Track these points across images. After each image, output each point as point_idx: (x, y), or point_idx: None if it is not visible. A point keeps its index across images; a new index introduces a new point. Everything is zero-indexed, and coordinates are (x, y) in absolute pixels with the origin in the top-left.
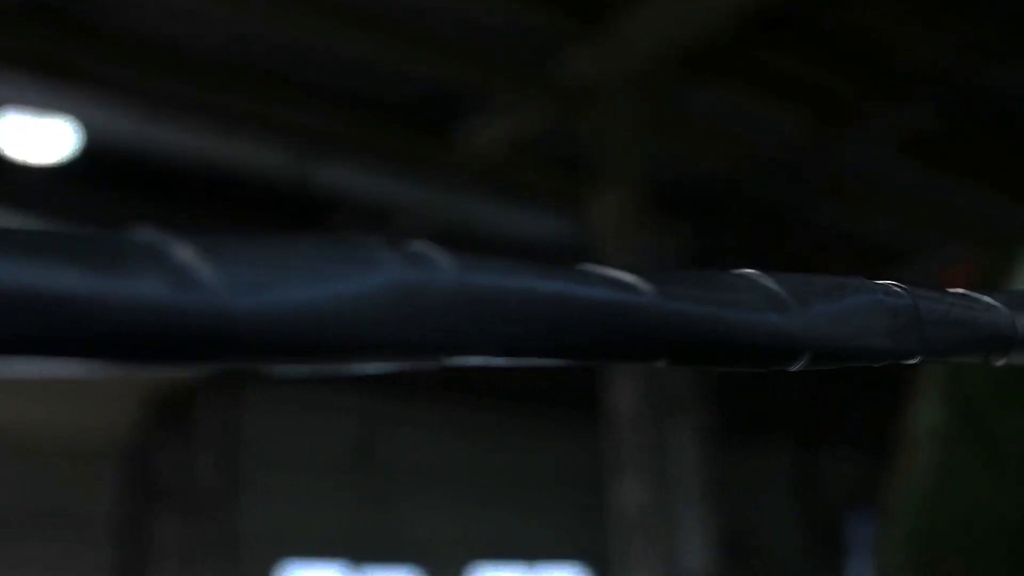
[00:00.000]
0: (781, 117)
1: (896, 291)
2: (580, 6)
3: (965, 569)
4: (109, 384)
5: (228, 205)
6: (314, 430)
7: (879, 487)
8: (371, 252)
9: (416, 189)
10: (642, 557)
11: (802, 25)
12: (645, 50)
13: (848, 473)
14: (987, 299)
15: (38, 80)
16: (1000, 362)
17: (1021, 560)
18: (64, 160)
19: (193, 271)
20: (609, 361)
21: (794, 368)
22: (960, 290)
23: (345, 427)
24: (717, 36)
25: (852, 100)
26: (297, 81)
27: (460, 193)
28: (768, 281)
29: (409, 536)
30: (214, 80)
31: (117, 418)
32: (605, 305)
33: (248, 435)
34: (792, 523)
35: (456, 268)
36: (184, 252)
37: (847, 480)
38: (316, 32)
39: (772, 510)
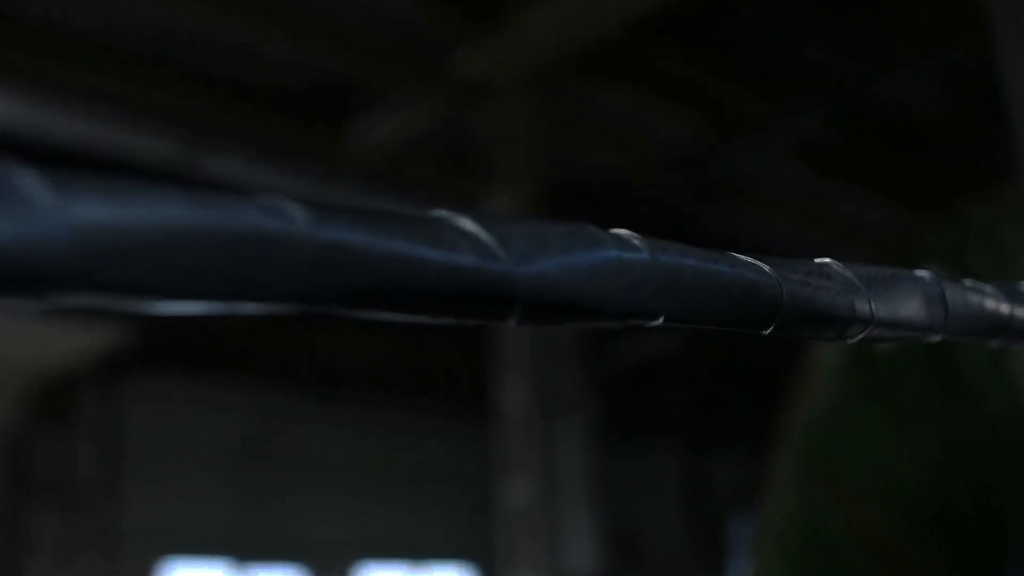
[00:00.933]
0: (675, 121)
1: (632, 244)
2: (478, 3)
3: (862, 499)
4: None
5: None
6: (199, 424)
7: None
8: (597, 234)
9: (306, 182)
10: (528, 557)
11: (698, 32)
12: (542, 50)
13: (735, 476)
14: (748, 259)
15: None
16: (765, 332)
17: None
18: None
19: (488, 244)
20: (256, 303)
21: (509, 321)
22: (824, 261)
23: (232, 422)
24: (614, 39)
25: (746, 107)
26: (186, 68)
27: (351, 188)
28: (475, 225)
29: (295, 534)
30: (98, 64)
31: None
32: (248, 236)
33: (131, 428)
34: (679, 524)
35: (650, 247)
36: (475, 227)
37: (733, 483)
38: (207, 17)
39: (659, 511)
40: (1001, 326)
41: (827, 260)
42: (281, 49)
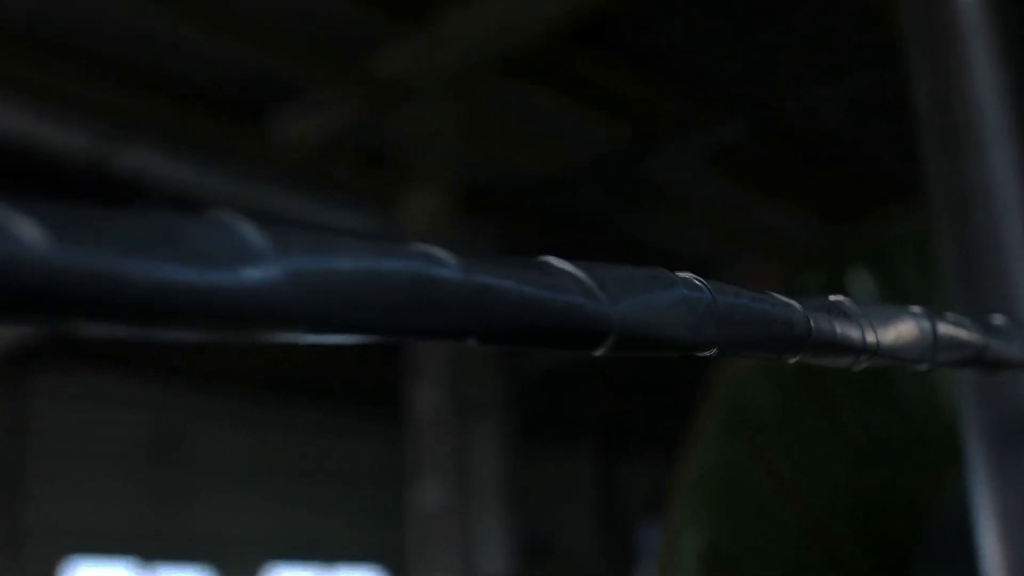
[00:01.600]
0: (596, 127)
1: (696, 285)
2: (402, 3)
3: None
4: None
5: (21, 184)
6: (106, 422)
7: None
8: (671, 277)
9: (222, 178)
10: (440, 559)
11: (621, 39)
12: (464, 51)
13: (645, 482)
14: (785, 299)
15: None
16: (793, 360)
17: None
18: None
19: (589, 285)
20: (422, 337)
21: (600, 351)
22: (839, 299)
23: (139, 419)
24: (536, 43)
25: (666, 115)
26: (104, 59)
27: (268, 185)
28: (578, 269)
29: (203, 534)
30: (12, 54)
31: None
32: (418, 279)
33: (35, 426)
34: (590, 529)
35: (710, 288)
36: (576, 271)
37: (644, 489)
38: (127, 8)
39: (571, 516)
40: (977, 357)
41: (841, 297)
42: (202, 43)
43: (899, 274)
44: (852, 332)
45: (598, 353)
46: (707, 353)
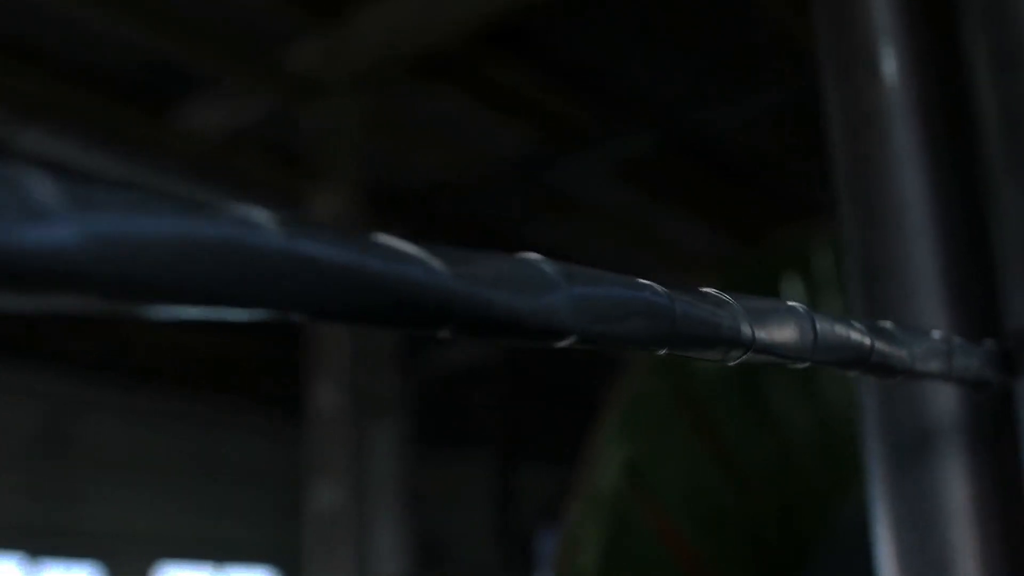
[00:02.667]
0: (506, 132)
1: (656, 290)
2: None
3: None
4: None
5: None
6: None
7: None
8: (526, 258)
9: (125, 166)
10: (335, 561)
11: (534, 46)
12: (377, 51)
13: (544, 489)
14: (649, 284)
15: None
16: (661, 351)
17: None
18: None
19: (428, 260)
20: (397, 328)
21: (443, 333)
22: (712, 291)
23: (27, 410)
24: (449, 46)
25: (577, 123)
26: (4, 41)
27: (173, 175)
28: (548, 265)
29: (93, 530)
30: None
31: None
32: (396, 278)
33: None
34: (488, 534)
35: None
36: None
37: (543, 496)
38: None
39: (470, 521)
40: (862, 358)
41: (714, 290)
42: (110, 28)
43: (785, 291)
44: (724, 324)
45: (442, 335)
46: (563, 343)
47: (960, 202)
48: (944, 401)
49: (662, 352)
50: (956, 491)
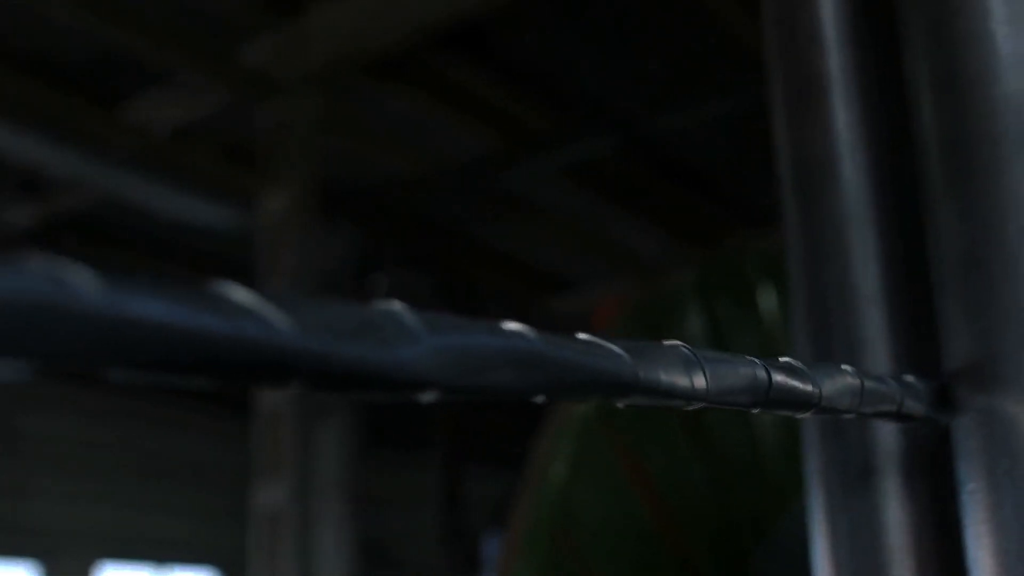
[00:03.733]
0: (461, 134)
1: (527, 337)
2: None
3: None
4: None
5: None
6: None
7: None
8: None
9: (74, 158)
10: (277, 561)
11: (492, 47)
12: (333, 49)
13: (491, 494)
14: (611, 347)
15: None
16: (622, 404)
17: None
18: None
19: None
20: (240, 384)
21: (424, 400)
22: (587, 337)
23: None
24: (406, 46)
25: (534, 126)
26: None
27: (123, 169)
28: (407, 315)
29: (30, 527)
30: None
31: None
32: (236, 336)
33: None
34: (434, 538)
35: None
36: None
37: (490, 501)
38: None
39: (415, 523)
40: (759, 398)
41: (677, 343)
42: (62, 18)
43: (754, 303)
44: (604, 368)
45: (291, 390)
46: (426, 396)
47: (904, 226)
48: (884, 434)
49: (539, 400)
50: (894, 525)
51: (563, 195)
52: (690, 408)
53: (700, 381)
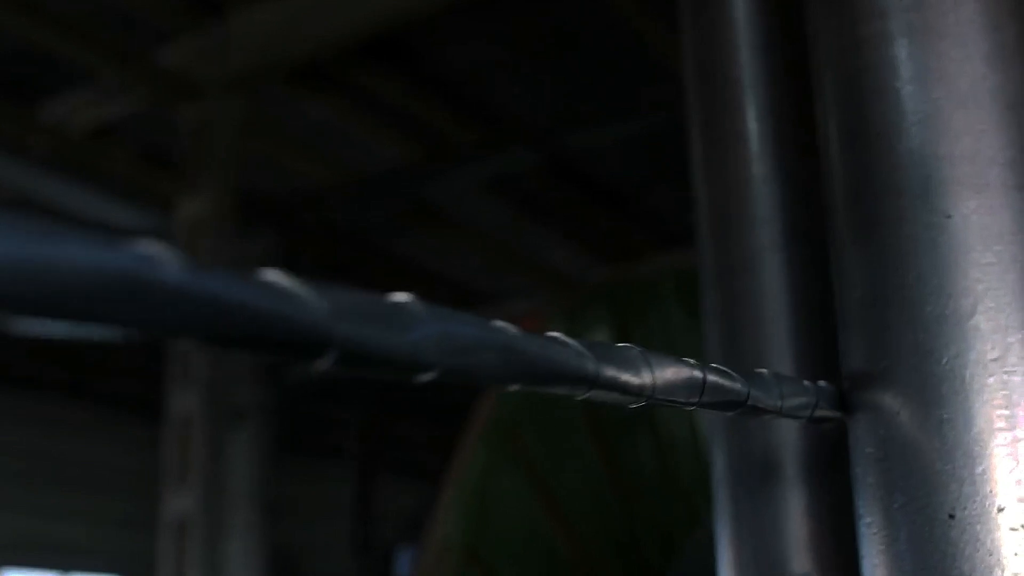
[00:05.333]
0: (381, 144)
1: (507, 329)
2: None
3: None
4: None
5: None
6: None
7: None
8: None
9: None
10: (185, 571)
11: (413, 60)
12: (254, 54)
13: (406, 506)
14: (577, 345)
15: None
16: (582, 397)
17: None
18: None
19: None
20: (281, 356)
21: (425, 378)
22: (557, 335)
23: None
24: (328, 54)
25: (453, 138)
26: None
27: (38, 169)
28: (416, 304)
29: None
30: None
31: None
32: (281, 314)
33: None
34: (346, 548)
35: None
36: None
37: (404, 513)
38: None
39: (327, 533)
40: (695, 396)
41: (629, 345)
42: None
43: (665, 319)
44: (571, 361)
45: (320, 366)
46: (427, 376)
47: (811, 261)
48: (786, 433)
49: (514, 387)
50: (795, 521)
51: (481, 208)
52: (636, 406)
53: (648, 379)
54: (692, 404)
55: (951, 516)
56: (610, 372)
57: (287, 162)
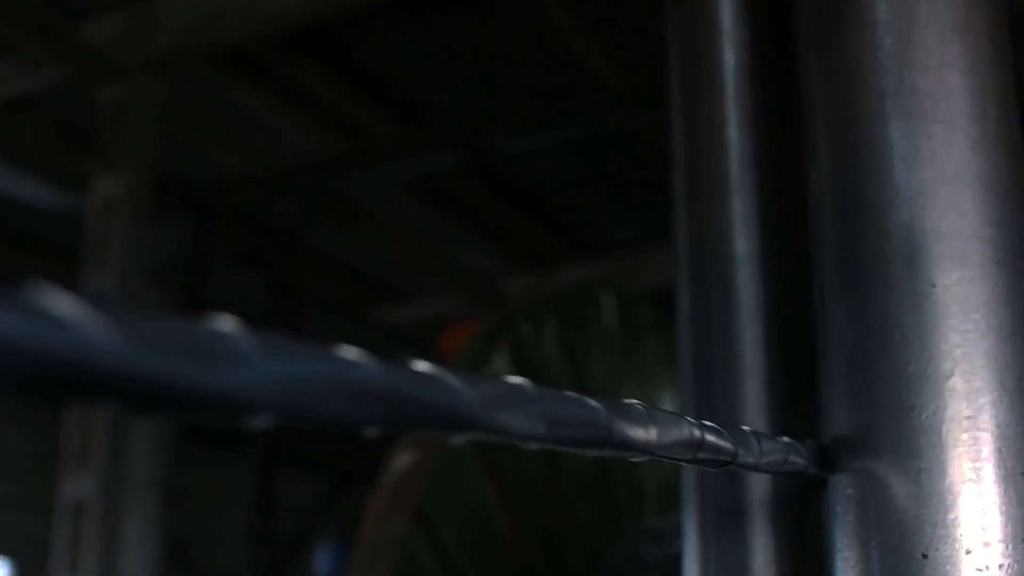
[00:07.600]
0: (303, 136)
1: (364, 365)
2: None
3: None
4: None
5: None
6: None
7: (338, 523)
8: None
9: None
10: (80, 556)
11: (339, 54)
12: (179, 37)
13: (309, 506)
14: (454, 381)
15: None
16: (459, 440)
17: None
18: None
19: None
20: (53, 399)
21: (256, 426)
22: (430, 368)
23: None
24: (254, 42)
25: (375, 136)
26: None
27: None
28: (239, 338)
29: None
30: None
31: None
32: (46, 349)
33: None
34: (246, 545)
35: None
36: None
37: (309, 511)
38: None
39: (225, 526)
40: (602, 440)
41: (635, 402)
42: None
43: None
44: (446, 403)
45: (254, 427)
46: (257, 422)
47: (796, 320)
48: (758, 483)
49: (373, 434)
50: (761, 567)
51: (401, 206)
52: (529, 448)
53: (538, 425)
54: (687, 460)
55: (924, 556)
56: (494, 413)
57: (208, 149)
